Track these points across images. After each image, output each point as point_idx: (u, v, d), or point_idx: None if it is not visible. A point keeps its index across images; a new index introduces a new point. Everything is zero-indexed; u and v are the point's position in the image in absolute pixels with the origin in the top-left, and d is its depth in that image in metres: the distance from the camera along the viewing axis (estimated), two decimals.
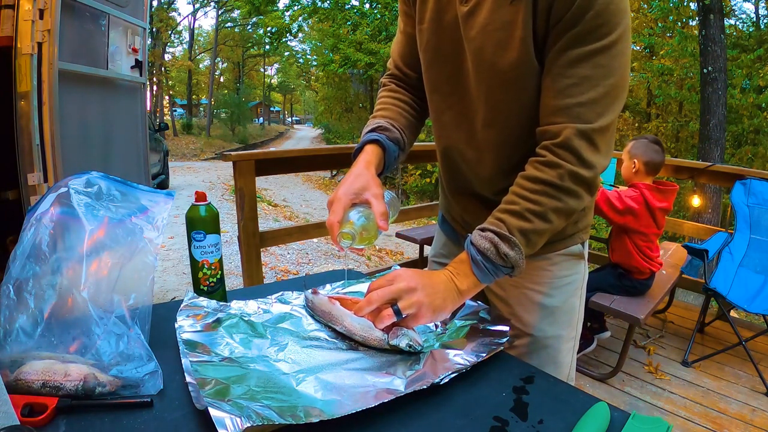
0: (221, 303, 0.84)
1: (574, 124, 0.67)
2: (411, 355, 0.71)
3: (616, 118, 0.70)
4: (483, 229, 0.71)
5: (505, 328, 0.78)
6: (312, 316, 0.83)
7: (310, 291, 0.85)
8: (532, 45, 0.68)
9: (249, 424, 0.50)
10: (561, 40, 0.66)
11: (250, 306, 0.84)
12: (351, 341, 0.75)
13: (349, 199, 0.73)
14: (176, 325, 0.74)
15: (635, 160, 2.20)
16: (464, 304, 0.83)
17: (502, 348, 0.75)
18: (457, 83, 0.80)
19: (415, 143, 0.95)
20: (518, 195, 0.71)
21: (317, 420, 0.53)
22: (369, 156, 0.81)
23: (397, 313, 0.67)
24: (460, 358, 0.70)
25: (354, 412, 0.55)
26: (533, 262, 0.87)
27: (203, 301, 0.83)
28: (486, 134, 0.80)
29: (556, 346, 0.89)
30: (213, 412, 0.51)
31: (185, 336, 0.71)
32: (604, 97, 0.67)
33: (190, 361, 0.64)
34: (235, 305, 0.84)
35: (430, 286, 0.69)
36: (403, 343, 0.69)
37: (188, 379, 0.60)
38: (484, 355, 0.71)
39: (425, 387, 0.62)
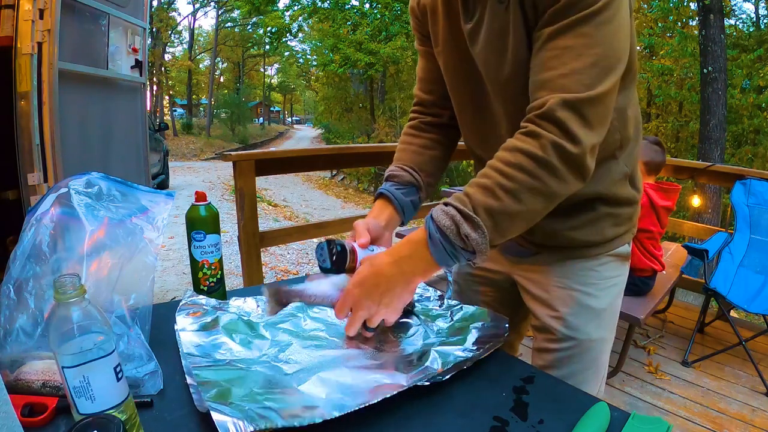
0: (220, 301, 0.84)
1: (558, 94, 0.61)
2: (412, 350, 0.72)
3: (610, 92, 0.63)
4: (447, 204, 0.64)
5: (505, 326, 0.79)
6: (307, 312, 0.84)
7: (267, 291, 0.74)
8: (526, 48, 0.67)
9: (252, 428, 0.50)
10: (543, 18, 0.63)
11: (249, 304, 0.84)
12: (350, 338, 0.75)
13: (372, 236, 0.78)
14: (176, 326, 0.74)
15: None
16: (450, 292, 0.85)
17: (501, 344, 0.75)
18: (480, 100, 0.80)
19: None
20: (492, 167, 0.63)
21: (320, 420, 0.53)
22: (375, 211, 0.86)
23: (374, 330, 0.71)
24: (460, 352, 0.71)
25: (356, 408, 0.56)
26: (582, 262, 0.84)
27: (202, 299, 0.83)
28: None
29: (599, 348, 0.86)
30: (215, 416, 0.51)
31: (185, 336, 0.71)
32: (590, 67, 0.61)
33: (190, 362, 0.64)
34: (234, 303, 0.84)
35: (378, 292, 0.66)
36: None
37: (189, 380, 0.61)
38: (483, 350, 0.72)
39: (426, 382, 0.63)
